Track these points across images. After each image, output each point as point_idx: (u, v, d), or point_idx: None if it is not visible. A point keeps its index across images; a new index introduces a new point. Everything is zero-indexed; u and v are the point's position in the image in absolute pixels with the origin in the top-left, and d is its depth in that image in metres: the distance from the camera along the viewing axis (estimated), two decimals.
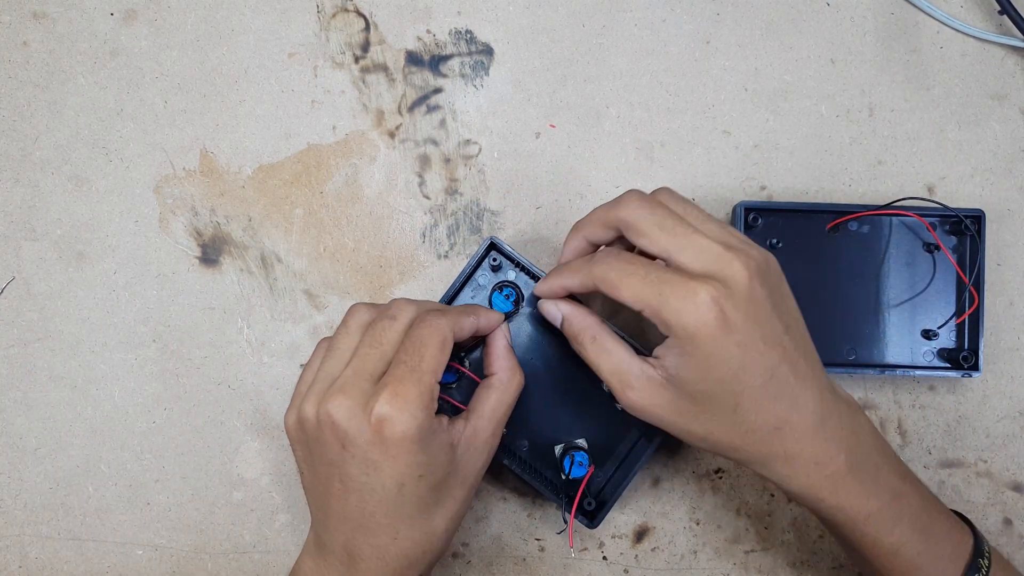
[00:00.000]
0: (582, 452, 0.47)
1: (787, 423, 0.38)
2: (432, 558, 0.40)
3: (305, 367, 0.42)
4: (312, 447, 0.40)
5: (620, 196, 0.40)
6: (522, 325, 0.48)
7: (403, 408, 0.37)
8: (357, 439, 0.37)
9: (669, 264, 0.38)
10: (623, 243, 0.42)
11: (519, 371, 0.43)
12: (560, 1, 0.51)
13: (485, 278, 0.48)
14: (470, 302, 0.48)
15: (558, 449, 0.48)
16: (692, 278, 0.36)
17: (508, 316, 0.48)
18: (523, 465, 0.47)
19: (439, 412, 0.40)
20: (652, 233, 0.38)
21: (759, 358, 0.37)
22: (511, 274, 0.48)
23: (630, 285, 0.37)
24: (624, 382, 0.39)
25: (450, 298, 0.47)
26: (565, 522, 0.45)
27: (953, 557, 0.40)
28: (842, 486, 0.39)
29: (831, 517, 0.40)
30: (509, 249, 0.47)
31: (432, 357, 0.38)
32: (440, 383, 0.39)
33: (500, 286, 0.48)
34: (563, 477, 0.46)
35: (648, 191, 0.40)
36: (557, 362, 0.48)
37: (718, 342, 0.36)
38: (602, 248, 0.41)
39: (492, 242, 0.47)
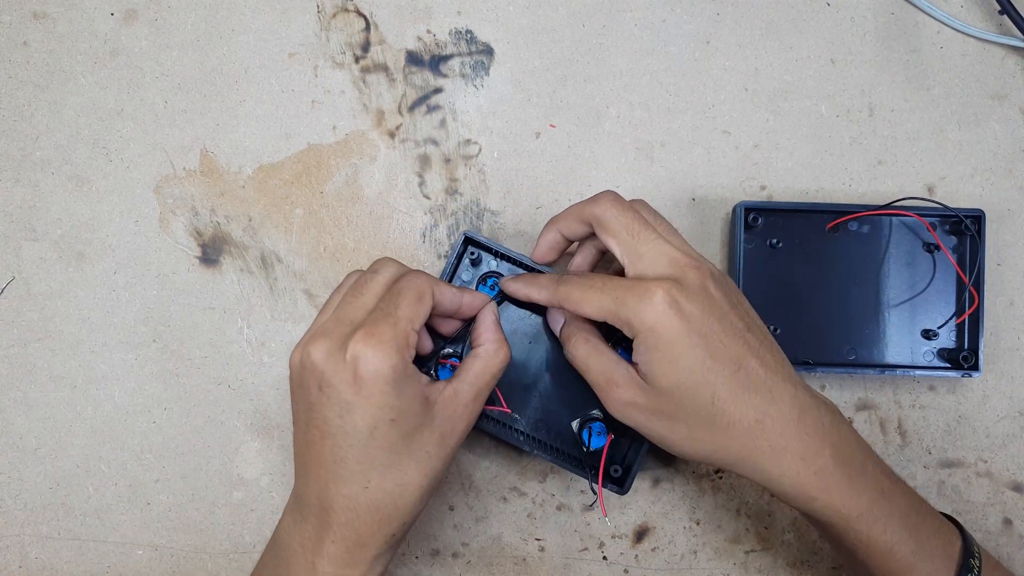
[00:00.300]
0: (599, 422, 0.47)
1: (767, 415, 0.38)
2: (405, 517, 0.40)
3: (326, 303, 0.43)
4: (296, 394, 0.40)
5: (596, 195, 0.42)
6: (518, 312, 0.48)
7: (376, 347, 0.37)
8: (333, 379, 0.38)
9: (628, 268, 0.40)
10: (594, 242, 0.44)
11: (505, 345, 0.43)
12: (560, 1, 0.51)
13: (468, 273, 0.48)
14: None
15: (575, 424, 0.48)
16: (649, 281, 0.39)
17: (498, 302, 0.48)
18: (546, 449, 0.47)
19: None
20: (620, 233, 0.40)
21: (723, 348, 0.38)
22: (492, 263, 0.48)
23: (590, 299, 0.40)
24: (610, 380, 0.40)
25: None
26: (595, 493, 0.44)
27: (945, 556, 0.41)
28: (831, 482, 0.39)
29: (824, 518, 0.40)
30: (485, 240, 0.47)
31: (408, 305, 0.39)
32: (433, 372, 0.41)
33: (484, 277, 0.48)
34: (585, 450, 0.47)
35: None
36: (554, 345, 0.48)
37: (678, 331, 0.38)
38: (565, 274, 0.43)
39: (467, 236, 0.47)
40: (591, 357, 0.41)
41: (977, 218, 0.48)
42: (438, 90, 0.51)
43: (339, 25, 0.51)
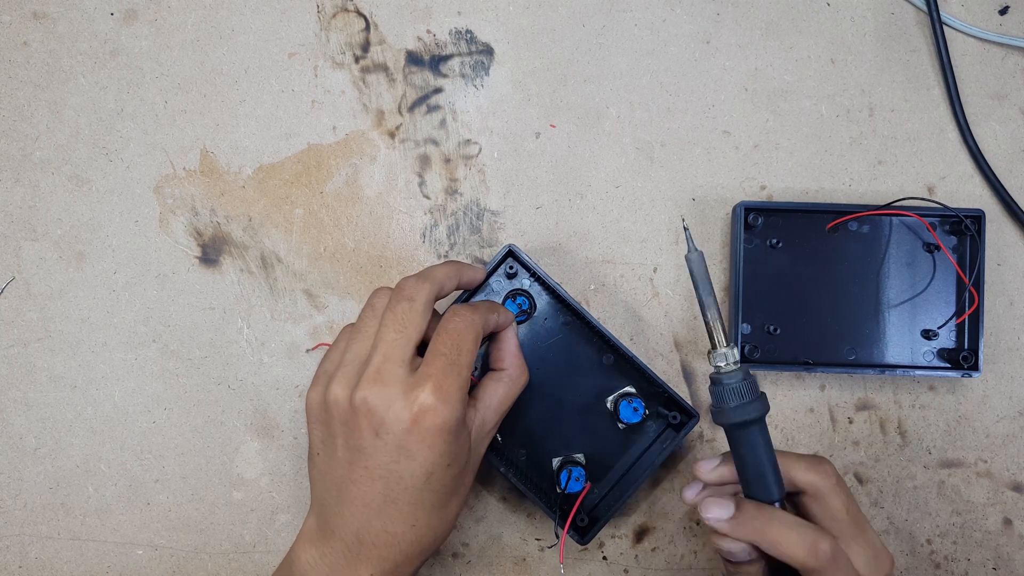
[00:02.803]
0: (579, 468, 0.47)
1: None
2: (441, 541, 0.42)
3: (330, 349, 0.43)
4: (337, 431, 0.40)
5: (811, 457, 0.41)
6: (529, 334, 0.48)
7: (446, 401, 0.38)
8: (393, 427, 0.38)
9: (834, 542, 0.39)
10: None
11: (527, 370, 0.44)
12: (560, 1, 0.51)
13: (499, 284, 0.48)
14: None
15: (555, 462, 0.48)
16: None
17: (519, 322, 0.48)
18: (519, 474, 0.47)
19: None
20: (840, 517, 0.40)
21: None
22: (526, 282, 0.48)
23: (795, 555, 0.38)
24: None
25: (464, 302, 0.47)
26: (556, 536, 0.45)
27: None
28: None
29: None
30: (527, 258, 0.47)
31: (469, 352, 0.40)
32: None
33: (513, 294, 0.48)
34: (558, 491, 0.47)
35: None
36: (562, 374, 0.48)
37: None
38: (828, 540, 0.39)
39: (511, 249, 0.47)
40: None
41: (977, 218, 0.48)
42: (438, 90, 0.51)
43: (339, 25, 0.51)
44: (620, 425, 0.48)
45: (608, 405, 0.48)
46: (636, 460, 0.48)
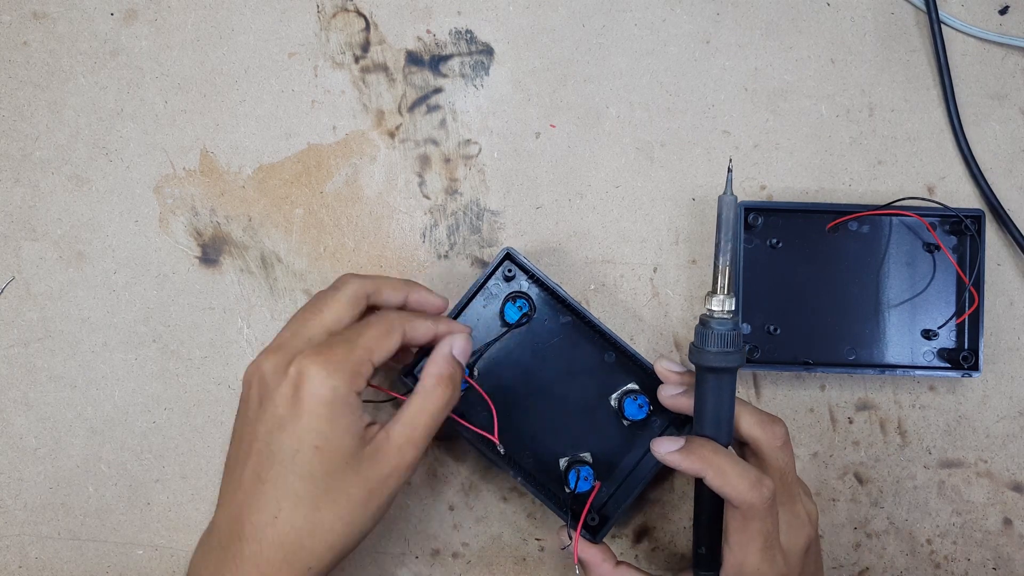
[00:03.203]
0: (587, 467, 0.47)
1: None
2: (311, 562, 0.36)
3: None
4: (239, 408, 0.40)
5: (772, 420, 0.42)
6: (530, 336, 0.48)
7: (323, 365, 0.36)
8: (274, 393, 0.37)
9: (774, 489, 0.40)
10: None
11: (449, 385, 0.40)
12: (560, 1, 0.51)
13: (498, 287, 0.48)
14: (481, 311, 0.48)
15: (563, 462, 0.48)
16: (783, 557, 0.41)
17: (518, 325, 0.48)
18: (528, 477, 0.47)
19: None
20: (775, 479, 0.41)
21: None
22: (524, 285, 0.48)
23: (757, 542, 0.40)
24: None
25: (462, 307, 0.47)
26: (569, 537, 0.44)
27: None
28: None
29: None
30: (524, 260, 0.47)
31: (371, 337, 0.38)
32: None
33: (513, 296, 0.48)
34: (567, 491, 0.46)
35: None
36: (564, 374, 0.48)
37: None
38: (768, 483, 0.40)
39: (508, 252, 0.47)
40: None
41: (977, 218, 0.48)
42: (438, 90, 0.51)
43: (339, 25, 0.51)
44: (625, 422, 0.48)
45: (612, 403, 0.48)
46: (643, 456, 0.48)
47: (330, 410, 0.36)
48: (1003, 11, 0.52)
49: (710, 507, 0.42)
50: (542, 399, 0.48)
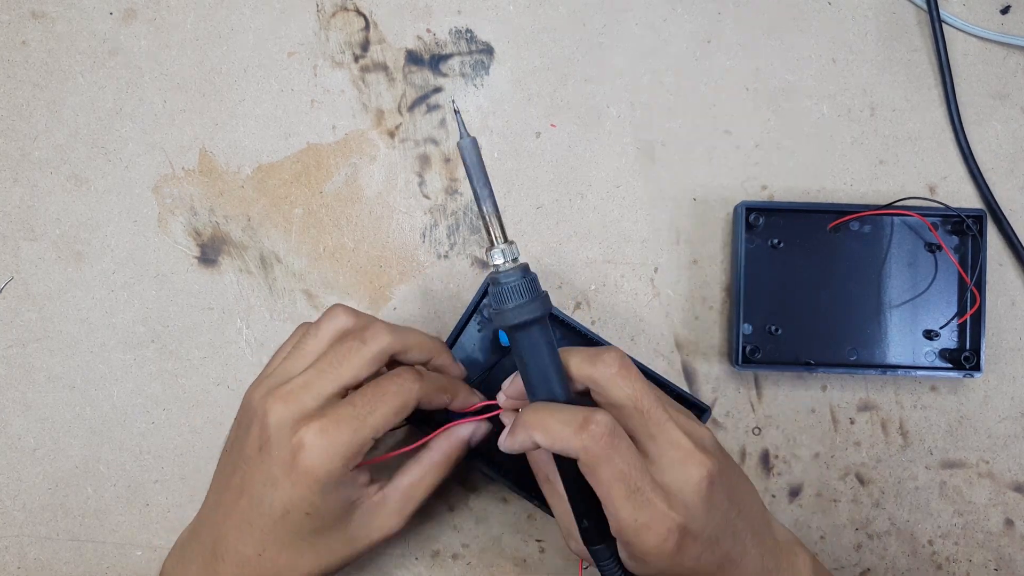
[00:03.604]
0: None
1: None
2: None
3: (279, 348, 0.42)
4: (240, 433, 0.40)
5: (600, 351, 0.36)
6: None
7: (324, 448, 0.36)
8: (274, 450, 0.37)
9: (610, 419, 0.35)
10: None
11: (453, 465, 0.42)
12: (560, 1, 0.51)
13: (489, 311, 0.47)
14: (476, 335, 0.48)
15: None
16: (664, 499, 0.34)
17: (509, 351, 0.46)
18: (541, 499, 0.46)
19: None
20: (628, 412, 0.35)
21: (711, 556, 0.35)
22: None
23: (617, 489, 0.34)
24: (570, 532, 0.39)
25: (456, 335, 0.47)
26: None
27: None
28: None
29: None
30: None
31: (383, 415, 0.38)
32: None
33: None
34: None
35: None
36: None
37: (673, 561, 0.35)
38: (598, 418, 0.34)
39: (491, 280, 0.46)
40: (552, 499, 0.40)
41: (979, 218, 0.48)
42: (438, 89, 0.51)
43: (338, 24, 0.51)
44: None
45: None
46: None
47: (323, 488, 0.37)
48: (1004, 11, 0.52)
49: (571, 474, 0.36)
50: None
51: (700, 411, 0.47)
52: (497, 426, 0.41)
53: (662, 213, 0.51)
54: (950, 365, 0.49)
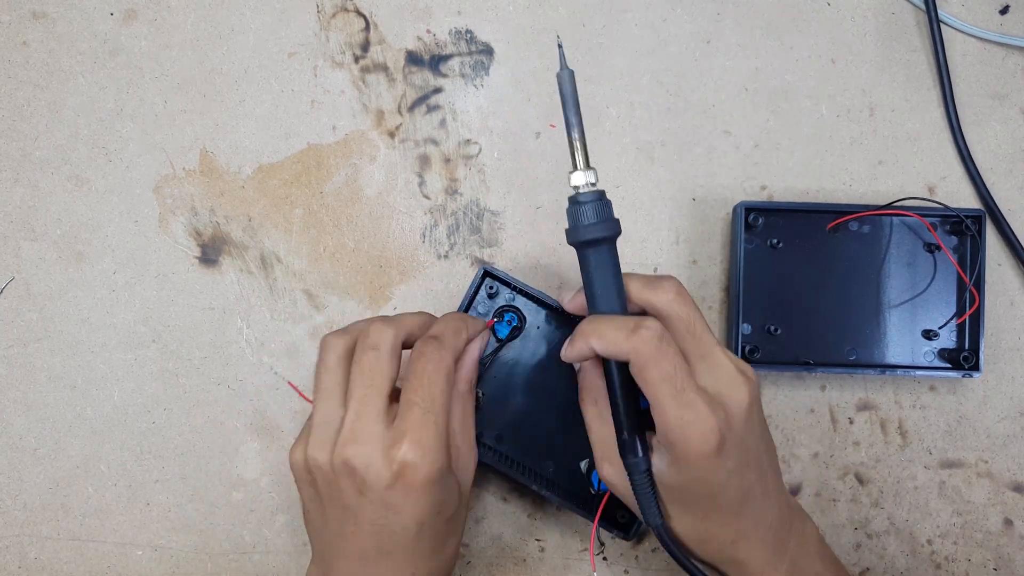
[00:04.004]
0: None
1: (745, 536, 0.39)
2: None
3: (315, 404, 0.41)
4: (323, 491, 0.39)
5: (659, 279, 0.39)
6: (534, 346, 0.48)
7: (426, 454, 0.37)
8: (376, 485, 0.37)
9: (660, 327, 0.37)
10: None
11: (475, 385, 0.43)
12: (560, 1, 0.51)
13: (484, 306, 0.48)
14: None
15: (584, 465, 0.47)
16: (707, 403, 0.36)
17: (510, 339, 0.47)
18: (552, 486, 0.46)
19: None
20: (681, 334, 0.38)
21: (740, 480, 0.38)
22: (509, 297, 0.48)
23: (664, 388, 0.36)
24: (604, 455, 0.40)
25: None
26: (599, 539, 0.44)
27: None
28: None
29: None
30: (503, 274, 0.46)
31: (442, 393, 0.38)
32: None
33: (500, 312, 0.48)
34: (592, 492, 0.46)
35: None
36: (567, 379, 0.48)
37: (709, 467, 0.37)
38: (650, 323, 0.37)
39: (485, 271, 0.47)
40: (594, 423, 0.41)
41: (978, 218, 0.48)
42: (438, 90, 0.51)
43: (339, 25, 0.51)
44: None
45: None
46: None
47: (441, 486, 0.38)
48: (1004, 11, 0.52)
49: (621, 380, 0.39)
50: (552, 405, 0.48)
51: None
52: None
53: (661, 213, 0.51)
54: (949, 365, 0.49)
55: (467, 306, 0.47)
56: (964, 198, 0.51)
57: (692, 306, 0.38)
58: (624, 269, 0.49)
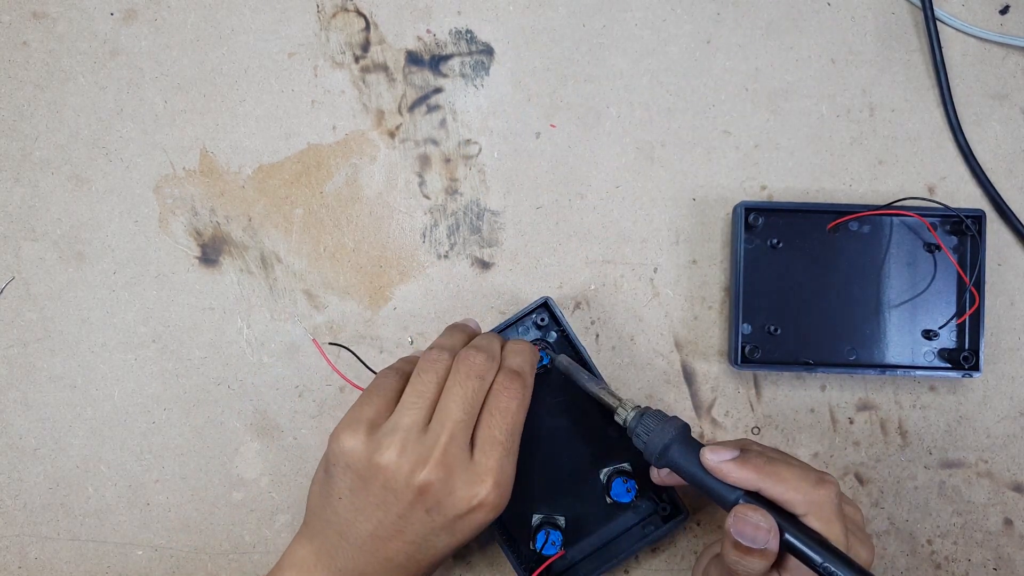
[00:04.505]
0: (557, 532, 0.46)
1: None
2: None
3: (370, 391, 0.41)
4: (378, 492, 0.39)
5: (822, 477, 0.39)
6: (550, 393, 0.48)
7: (503, 496, 0.39)
8: (448, 511, 0.38)
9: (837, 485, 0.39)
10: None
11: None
12: (560, 1, 0.51)
13: (526, 331, 0.48)
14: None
15: (535, 519, 0.47)
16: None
17: (537, 375, 0.46)
18: (498, 524, 0.46)
19: None
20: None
21: None
22: (552, 335, 0.48)
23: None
24: None
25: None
26: None
27: None
28: None
29: None
30: (560, 314, 0.47)
31: (519, 434, 0.40)
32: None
33: (535, 342, 0.47)
34: (531, 549, 0.46)
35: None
36: (563, 433, 0.48)
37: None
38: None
39: (546, 302, 0.47)
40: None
41: (978, 218, 0.48)
42: (438, 90, 0.51)
43: (339, 25, 0.51)
44: (608, 499, 0.47)
45: (602, 477, 0.48)
46: (617, 536, 0.48)
47: (497, 516, 0.40)
48: (1004, 11, 0.52)
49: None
50: (534, 451, 0.47)
51: (679, 511, 0.47)
52: None
53: (661, 213, 0.51)
54: (949, 365, 0.49)
55: (512, 323, 0.47)
56: (964, 198, 0.51)
57: (841, 518, 0.39)
58: (624, 268, 0.49)
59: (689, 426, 0.41)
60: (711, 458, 0.39)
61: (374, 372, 0.43)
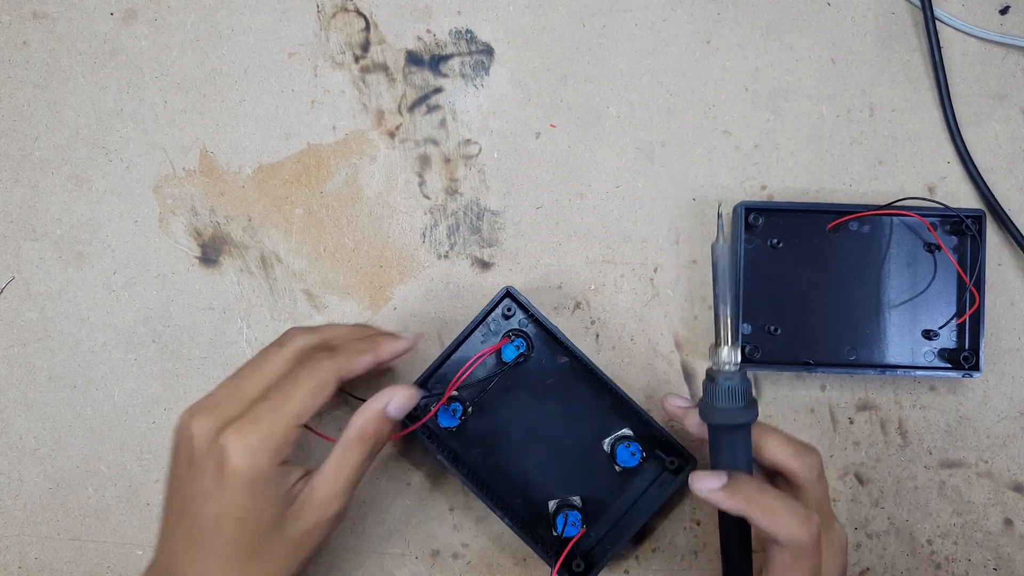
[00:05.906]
0: (575, 511, 0.46)
1: None
2: None
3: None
4: (172, 461, 0.39)
5: (804, 449, 0.40)
6: (528, 375, 0.48)
7: (244, 446, 0.37)
8: (201, 462, 0.37)
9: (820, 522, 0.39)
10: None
11: (372, 440, 0.40)
12: (560, 1, 0.51)
13: (496, 324, 0.48)
14: (480, 346, 0.48)
15: (552, 505, 0.48)
16: None
17: (514, 364, 0.47)
18: (515, 518, 0.46)
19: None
20: (813, 506, 0.40)
21: None
22: (522, 322, 0.48)
23: (789, 530, 0.38)
24: None
25: (461, 341, 0.47)
26: None
27: None
28: None
29: None
30: (524, 299, 0.47)
31: (300, 399, 0.38)
32: (428, 426, 0.42)
33: (508, 334, 0.48)
34: (554, 534, 0.46)
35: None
36: (559, 415, 0.48)
37: None
38: (816, 518, 0.38)
39: (508, 291, 0.47)
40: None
41: (978, 218, 0.48)
42: (438, 90, 0.51)
43: (339, 25, 0.51)
44: (616, 468, 0.47)
45: (605, 448, 0.48)
46: (634, 503, 0.48)
47: (251, 487, 0.37)
48: (1003, 11, 0.52)
49: (739, 546, 0.40)
50: (535, 439, 0.48)
51: (687, 460, 0.47)
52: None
53: (662, 213, 0.51)
54: (949, 365, 0.49)
55: (480, 320, 0.47)
56: (964, 198, 0.51)
57: (827, 483, 0.41)
58: (624, 268, 0.49)
59: (754, 421, 0.40)
60: (698, 486, 0.38)
61: (361, 400, 0.42)
